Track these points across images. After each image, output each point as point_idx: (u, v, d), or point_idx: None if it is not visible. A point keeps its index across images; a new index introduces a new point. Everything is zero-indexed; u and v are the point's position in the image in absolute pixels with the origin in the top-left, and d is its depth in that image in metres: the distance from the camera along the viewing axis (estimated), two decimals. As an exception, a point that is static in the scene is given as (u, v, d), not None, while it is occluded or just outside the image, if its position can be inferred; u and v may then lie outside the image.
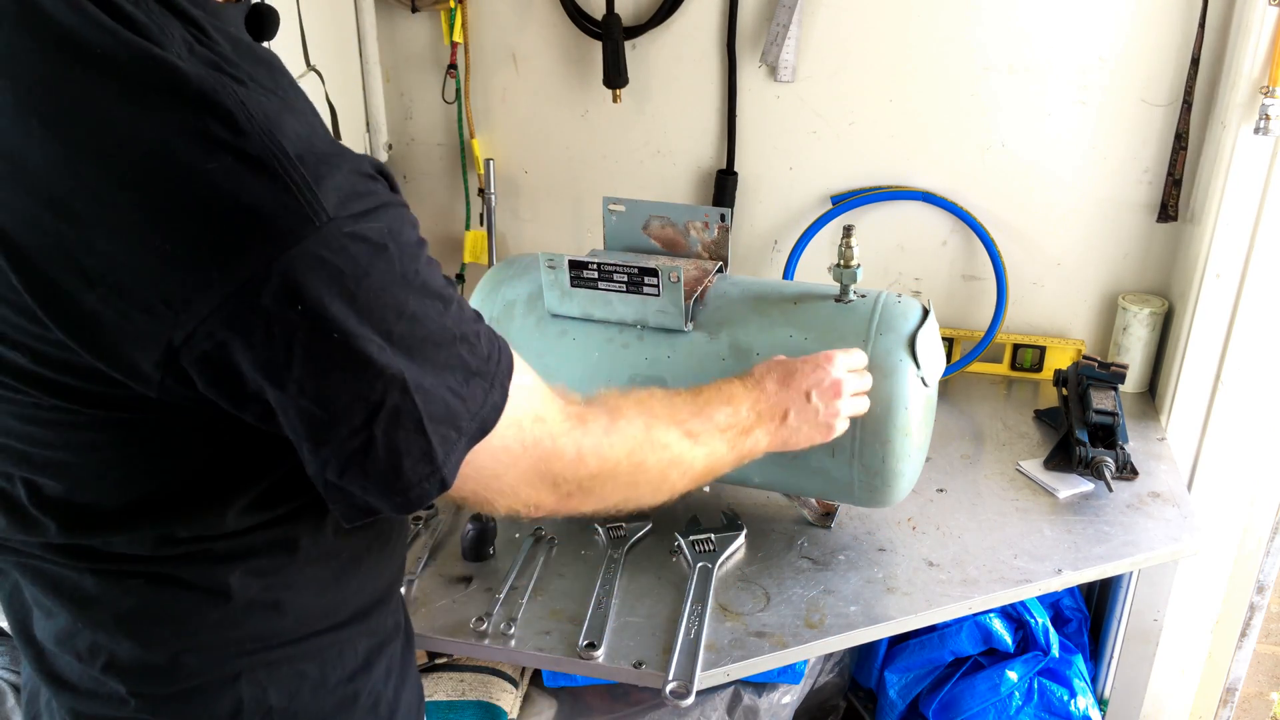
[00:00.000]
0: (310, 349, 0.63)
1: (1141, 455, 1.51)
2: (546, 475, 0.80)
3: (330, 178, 0.62)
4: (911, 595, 1.23)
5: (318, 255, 0.61)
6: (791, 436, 1.06)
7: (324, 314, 0.62)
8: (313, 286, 0.61)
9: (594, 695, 1.49)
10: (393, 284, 0.65)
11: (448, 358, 0.70)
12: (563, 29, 1.74)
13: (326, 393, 0.65)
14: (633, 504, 0.91)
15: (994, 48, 1.62)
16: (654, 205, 1.37)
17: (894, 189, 1.74)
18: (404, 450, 0.68)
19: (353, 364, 0.64)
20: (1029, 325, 1.80)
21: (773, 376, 1.06)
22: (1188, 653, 1.78)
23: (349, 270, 0.62)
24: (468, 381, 0.71)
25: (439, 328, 0.69)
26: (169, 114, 0.59)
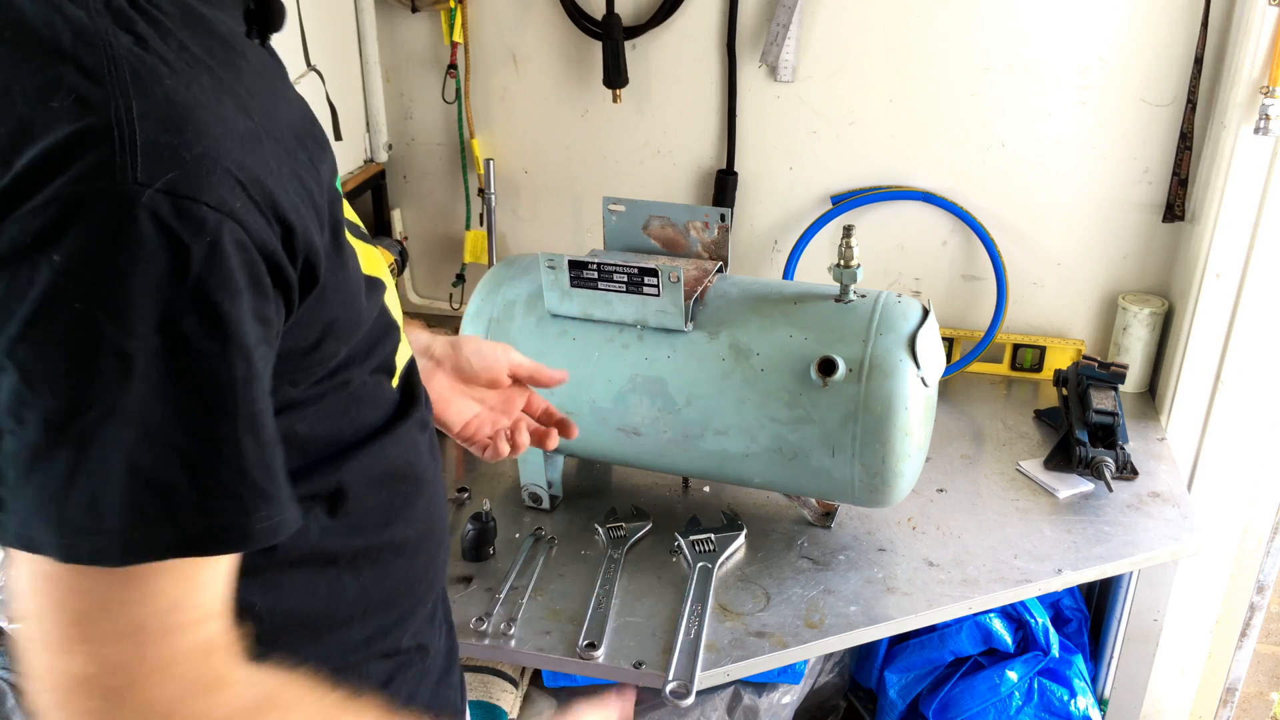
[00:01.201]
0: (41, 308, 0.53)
1: (1141, 455, 1.51)
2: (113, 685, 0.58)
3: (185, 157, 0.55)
4: (911, 595, 1.23)
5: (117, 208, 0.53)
6: None
7: (81, 277, 0.53)
8: (78, 239, 0.53)
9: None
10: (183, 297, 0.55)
11: (207, 420, 0.57)
12: (563, 29, 1.74)
13: (39, 374, 0.54)
14: None
15: (994, 48, 1.62)
16: (654, 205, 1.37)
17: (894, 189, 1.74)
18: (81, 485, 0.55)
19: (82, 350, 0.54)
20: (1029, 325, 1.80)
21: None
22: (1188, 653, 1.78)
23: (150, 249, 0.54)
24: (210, 467, 0.58)
25: (219, 378, 0.58)
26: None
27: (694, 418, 1.22)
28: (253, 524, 0.60)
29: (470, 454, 1.56)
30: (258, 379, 0.60)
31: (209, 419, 0.58)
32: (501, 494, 1.43)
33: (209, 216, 0.56)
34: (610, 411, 1.25)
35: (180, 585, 0.58)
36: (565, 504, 1.41)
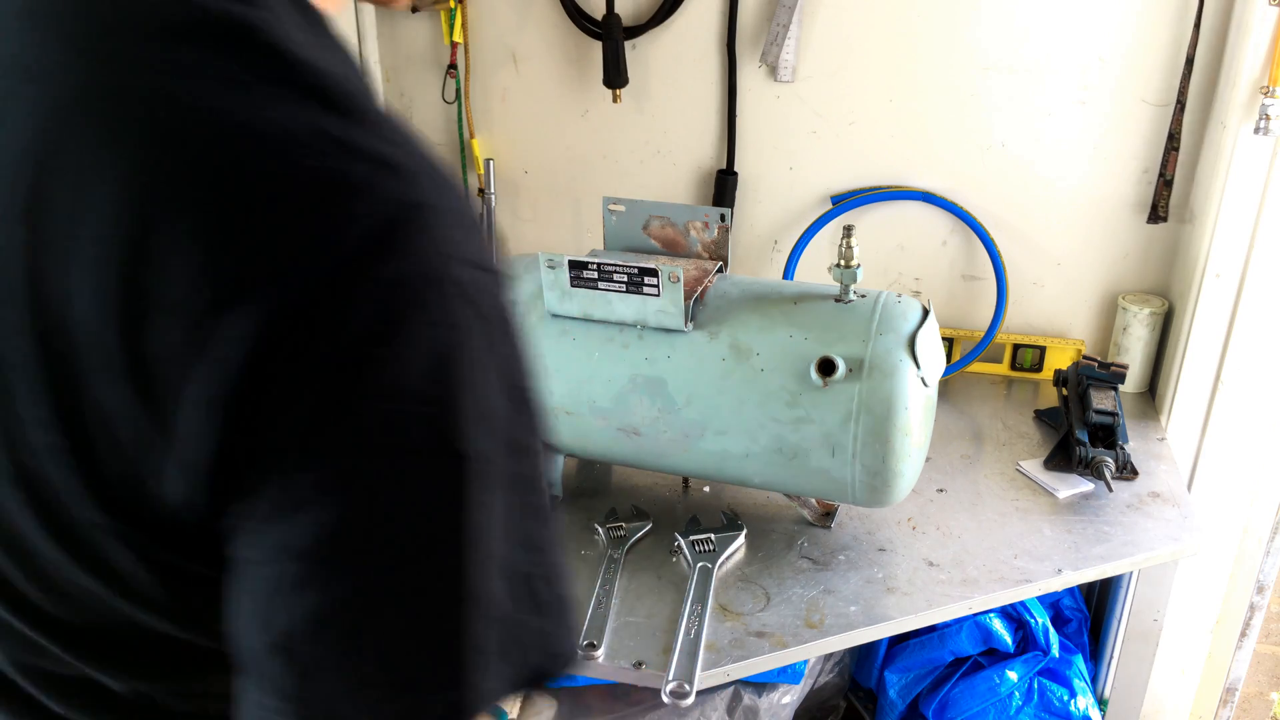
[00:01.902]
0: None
1: (1141, 455, 1.51)
2: None
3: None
4: (911, 595, 1.23)
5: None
6: None
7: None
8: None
9: (594, 695, 1.49)
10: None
11: (533, 527, 0.49)
12: (563, 29, 1.74)
13: (371, 500, 0.44)
14: None
15: (994, 48, 1.62)
16: (654, 205, 1.37)
17: (894, 189, 1.74)
18: (432, 635, 0.45)
19: (422, 464, 0.44)
20: (1029, 325, 1.80)
21: None
22: (1188, 653, 1.78)
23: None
24: (543, 583, 0.49)
25: (531, 475, 0.49)
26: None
27: (694, 418, 1.22)
28: (575, 637, 0.52)
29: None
30: (547, 469, 0.51)
31: (532, 527, 0.48)
32: (501, 494, 1.43)
33: (502, 290, 0.47)
34: (610, 411, 1.25)
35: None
36: (565, 504, 1.41)
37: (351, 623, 0.44)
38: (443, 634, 0.45)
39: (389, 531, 0.44)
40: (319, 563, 0.43)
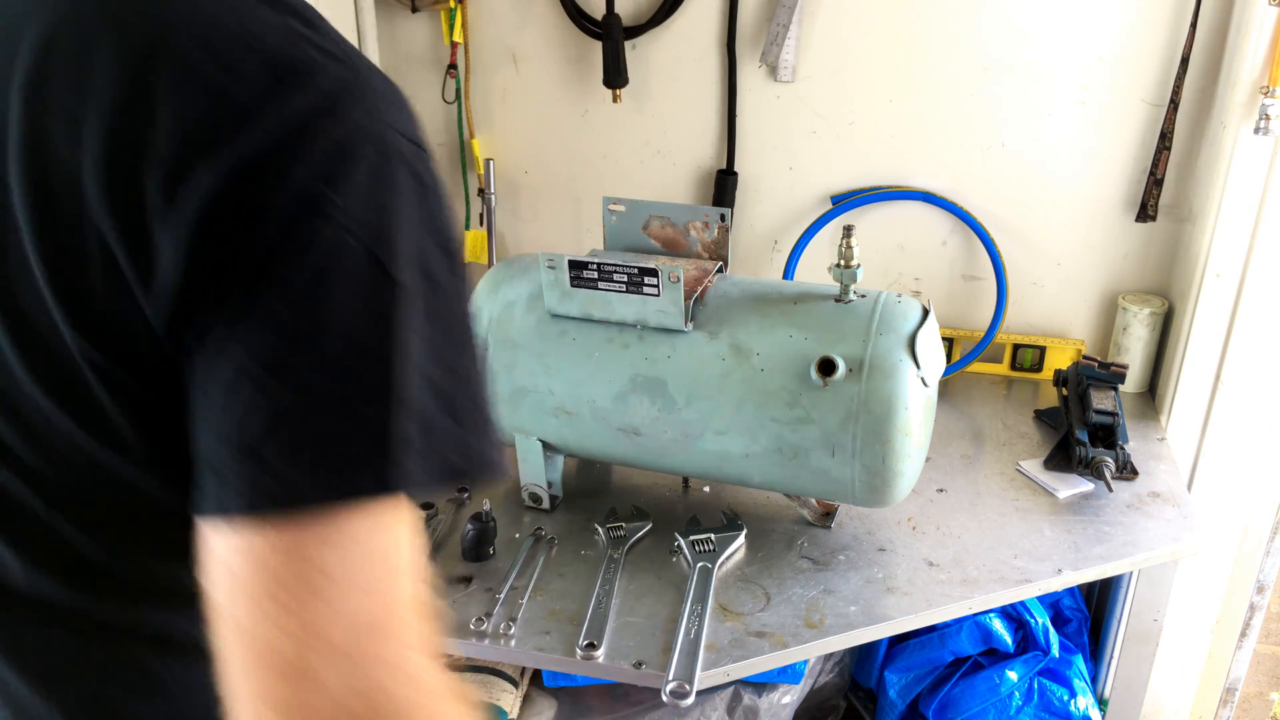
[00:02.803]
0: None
1: (1141, 455, 1.51)
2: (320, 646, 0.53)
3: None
4: (911, 595, 1.23)
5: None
6: None
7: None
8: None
9: (594, 695, 1.49)
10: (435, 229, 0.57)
11: (455, 353, 0.57)
12: (563, 29, 1.74)
13: (315, 309, 0.53)
14: None
15: (994, 48, 1.62)
16: (654, 205, 1.37)
17: (894, 189, 1.74)
18: (366, 419, 0.53)
19: (359, 284, 0.53)
20: (1029, 325, 1.80)
21: None
22: (1188, 653, 1.78)
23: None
24: (466, 399, 0.57)
25: (458, 312, 0.58)
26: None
27: (694, 418, 1.22)
28: (495, 453, 0.60)
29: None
30: (472, 318, 0.63)
31: (455, 354, 0.58)
32: (501, 494, 1.43)
33: (429, 159, 0.58)
34: (610, 411, 1.25)
35: (407, 529, 0.56)
36: (565, 504, 1.41)
37: (302, 418, 0.52)
38: (377, 425, 0.53)
39: (333, 342, 0.53)
40: (273, 369, 0.52)
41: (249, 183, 0.51)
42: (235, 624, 0.53)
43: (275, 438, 0.52)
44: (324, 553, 0.53)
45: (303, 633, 0.52)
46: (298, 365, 0.52)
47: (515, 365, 1.27)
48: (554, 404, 1.27)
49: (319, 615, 0.52)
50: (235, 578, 0.53)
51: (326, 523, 0.53)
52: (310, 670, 0.52)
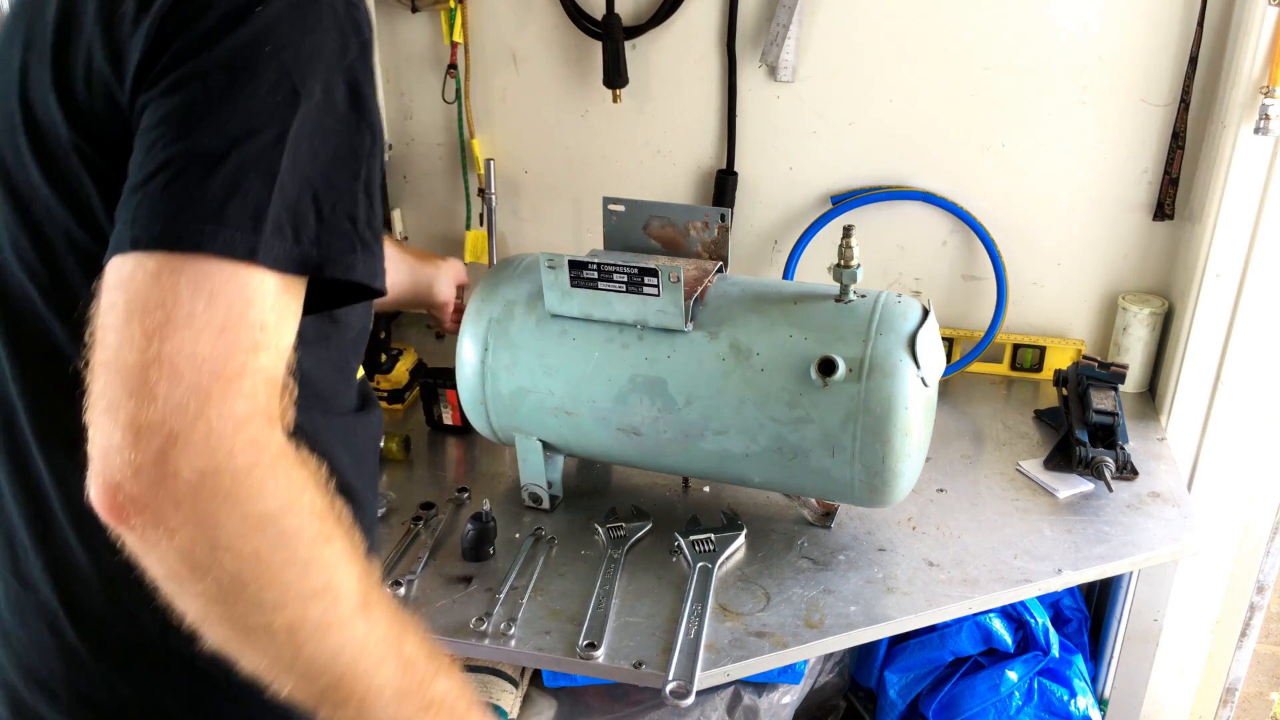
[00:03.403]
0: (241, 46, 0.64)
1: (1141, 455, 1.51)
2: (171, 405, 0.59)
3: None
4: (911, 595, 1.23)
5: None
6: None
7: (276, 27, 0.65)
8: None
9: (594, 695, 1.49)
10: (337, 61, 0.68)
11: (337, 170, 0.68)
12: (563, 29, 1.74)
13: (226, 93, 0.64)
14: (212, 605, 0.63)
15: (994, 48, 1.62)
16: (654, 205, 1.37)
17: (894, 189, 1.74)
18: (246, 189, 0.63)
19: (263, 83, 0.64)
20: (1029, 325, 1.80)
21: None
22: (1188, 653, 1.78)
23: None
24: (332, 207, 0.67)
25: (351, 142, 0.69)
26: None
27: (694, 418, 1.22)
28: (356, 260, 0.69)
29: (470, 455, 1.56)
30: (374, 160, 0.72)
31: (337, 170, 0.68)
32: (501, 494, 1.43)
33: (363, 23, 0.71)
34: (610, 411, 1.25)
35: (274, 310, 0.64)
36: (565, 504, 1.41)
37: (191, 169, 0.63)
38: (255, 198, 0.63)
39: (232, 121, 0.64)
40: (177, 127, 0.64)
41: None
42: (100, 335, 0.61)
43: (163, 177, 0.63)
44: (184, 286, 0.61)
45: (148, 347, 0.59)
46: (198, 130, 0.64)
47: (515, 365, 1.27)
48: (554, 404, 1.27)
49: (169, 339, 0.60)
50: (108, 295, 0.62)
51: (195, 264, 0.61)
52: (148, 383, 0.59)
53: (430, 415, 1.60)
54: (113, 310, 0.61)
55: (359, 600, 0.66)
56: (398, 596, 1.23)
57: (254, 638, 0.63)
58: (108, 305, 0.61)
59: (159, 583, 0.62)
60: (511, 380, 1.28)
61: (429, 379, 1.58)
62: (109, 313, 0.61)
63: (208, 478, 0.59)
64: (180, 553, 0.60)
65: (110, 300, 0.61)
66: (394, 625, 0.69)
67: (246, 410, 0.61)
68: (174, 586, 0.62)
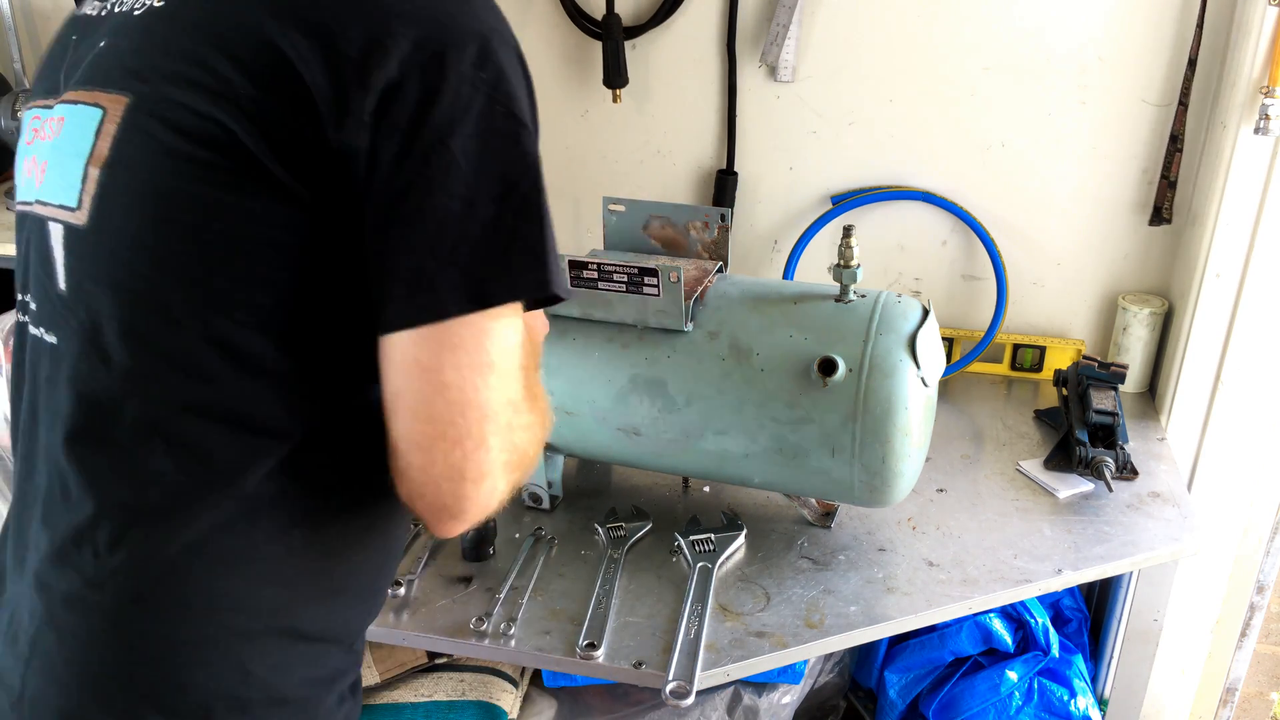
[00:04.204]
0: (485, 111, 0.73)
1: (1141, 455, 1.51)
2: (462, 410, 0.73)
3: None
4: (911, 595, 1.23)
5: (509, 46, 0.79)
6: None
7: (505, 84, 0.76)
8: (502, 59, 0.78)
9: (594, 695, 1.49)
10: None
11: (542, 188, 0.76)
12: (563, 29, 1.74)
13: (477, 162, 0.72)
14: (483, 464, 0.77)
15: (994, 48, 1.62)
16: (654, 205, 1.37)
17: (894, 189, 1.74)
18: (525, 235, 0.72)
19: (513, 135, 0.74)
20: (1029, 325, 1.80)
21: None
22: (1188, 653, 1.78)
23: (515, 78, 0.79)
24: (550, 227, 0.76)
25: (540, 175, 0.77)
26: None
27: (694, 418, 1.22)
28: (565, 278, 0.81)
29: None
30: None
31: (543, 197, 0.76)
32: (501, 494, 1.43)
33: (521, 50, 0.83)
34: (610, 411, 1.25)
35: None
36: (565, 504, 1.41)
37: (483, 236, 0.72)
38: (534, 240, 0.74)
39: (494, 182, 0.72)
40: (459, 200, 0.71)
41: (427, 68, 0.72)
42: (423, 409, 0.71)
43: (465, 247, 0.71)
44: (490, 344, 0.71)
45: (484, 414, 0.72)
46: (473, 198, 0.71)
47: (515, 365, 1.27)
48: (554, 404, 1.27)
49: (491, 398, 0.72)
50: (420, 366, 0.71)
51: (490, 322, 0.71)
52: (485, 441, 0.72)
53: (430, 415, 1.59)
54: (420, 374, 0.71)
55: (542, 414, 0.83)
56: (397, 597, 1.23)
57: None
58: (412, 371, 0.71)
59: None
60: (511, 380, 1.28)
61: (429, 379, 1.58)
62: (415, 378, 0.71)
63: (518, 475, 0.78)
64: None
65: (416, 368, 0.71)
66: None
67: (522, 414, 0.76)
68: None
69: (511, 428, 0.74)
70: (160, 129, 0.73)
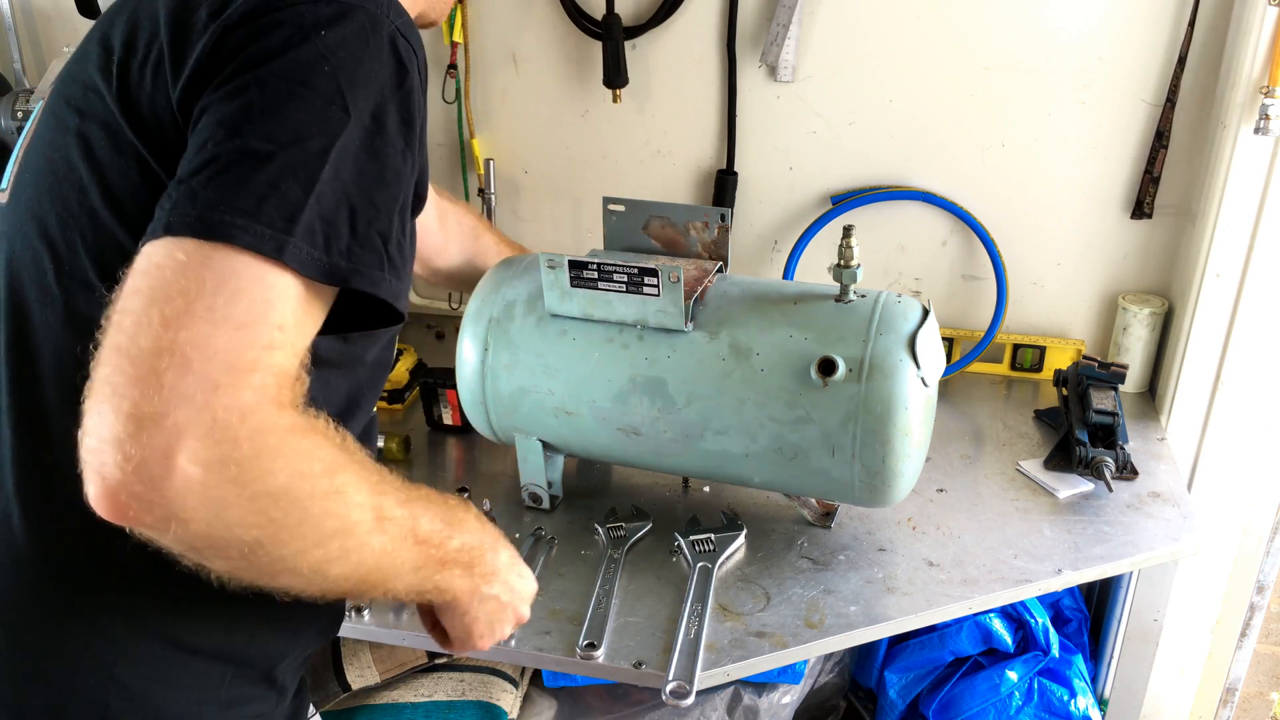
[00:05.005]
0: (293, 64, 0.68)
1: (1141, 455, 1.51)
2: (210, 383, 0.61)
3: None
4: (911, 595, 1.23)
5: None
6: (471, 604, 0.87)
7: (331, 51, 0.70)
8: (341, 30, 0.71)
9: (594, 695, 1.49)
10: (389, 91, 0.72)
11: (378, 191, 0.71)
12: (563, 29, 1.74)
13: (280, 101, 0.68)
14: (236, 566, 0.66)
15: (994, 48, 1.62)
16: (654, 205, 1.37)
17: (894, 189, 1.74)
18: (286, 191, 0.66)
19: (318, 98, 0.68)
20: (1029, 325, 1.80)
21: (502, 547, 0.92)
22: (1188, 653, 1.78)
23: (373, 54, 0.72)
24: (367, 223, 0.70)
25: (394, 166, 0.72)
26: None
27: (694, 418, 1.22)
28: (382, 279, 0.71)
29: (470, 455, 1.56)
30: (408, 187, 0.76)
31: (378, 190, 0.71)
32: (501, 494, 1.43)
33: (416, 61, 0.76)
34: (610, 411, 1.25)
35: (294, 310, 0.66)
36: (565, 504, 1.41)
37: (234, 168, 0.65)
38: (291, 201, 0.66)
39: (283, 128, 0.67)
40: (228, 127, 0.67)
41: (266, 12, 0.70)
42: (117, 319, 0.62)
43: (207, 172, 0.65)
44: (209, 278, 0.62)
45: (163, 334, 0.60)
46: (248, 132, 0.66)
47: (515, 365, 1.27)
48: (554, 404, 1.27)
49: (185, 328, 0.61)
50: (133, 281, 0.63)
51: (223, 256, 0.63)
52: (157, 370, 0.59)
53: (430, 415, 1.60)
54: (135, 295, 0.62)
55: (373, 519, 0.70)
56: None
57: (282, 579, 0.68)
58: (130, 290, 0.62)
59: (177, 556, 0.64)
60: (511, 380, 1.28)
61: (429, 379, 1.58)
62: (131, 297, 0.62)
63: (215, 469, 0.60)
64: (196, 536, 0.62)
65: (134, 285, 0.62)
66: (407, 518, 0.74)
67: (254, 400, 0.62)
68: (194, 559, 0.64)
69: (215, 388, 0.60)
70: (58, 104, 0.78)
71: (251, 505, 0.62)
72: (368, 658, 1.43)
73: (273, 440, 0.62)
